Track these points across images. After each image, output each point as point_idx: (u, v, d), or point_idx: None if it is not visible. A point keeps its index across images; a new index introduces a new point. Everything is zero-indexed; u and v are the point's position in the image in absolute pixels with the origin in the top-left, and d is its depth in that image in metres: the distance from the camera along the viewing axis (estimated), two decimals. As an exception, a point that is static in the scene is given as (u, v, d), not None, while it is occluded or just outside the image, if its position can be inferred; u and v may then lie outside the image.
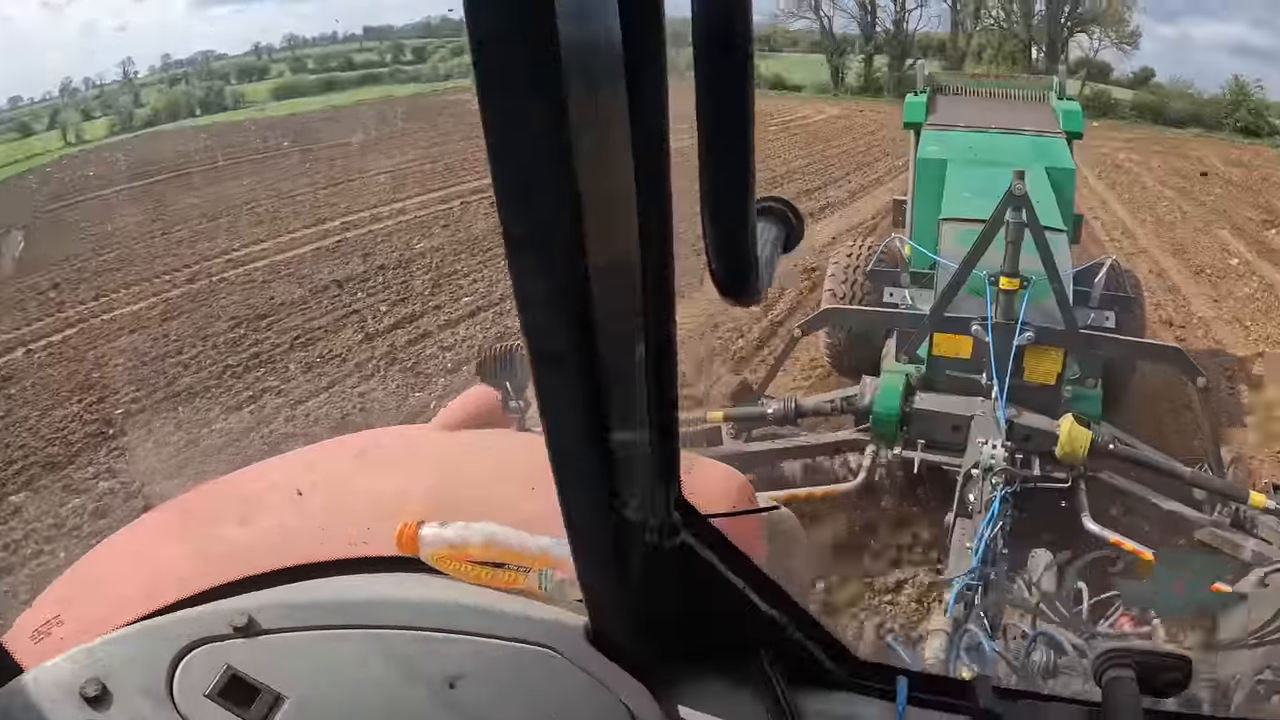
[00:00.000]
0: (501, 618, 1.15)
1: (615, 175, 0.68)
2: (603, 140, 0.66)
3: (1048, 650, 2.43)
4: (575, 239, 0.65)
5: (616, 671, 1.12)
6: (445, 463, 1.70)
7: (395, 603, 1.18)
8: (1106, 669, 1.14)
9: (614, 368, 0.76)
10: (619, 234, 0.71)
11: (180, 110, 29.45)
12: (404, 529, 1.21)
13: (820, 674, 1.22)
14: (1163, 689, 1.16)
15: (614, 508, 0.89)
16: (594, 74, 0.62)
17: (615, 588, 1.04)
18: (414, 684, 1.12)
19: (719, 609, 1.17)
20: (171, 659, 1.11)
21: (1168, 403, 6.80)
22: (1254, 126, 31.16)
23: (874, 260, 6.34)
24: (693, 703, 1.19)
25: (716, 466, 1.74)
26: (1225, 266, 11.46)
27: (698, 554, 1.09)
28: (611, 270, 0.71)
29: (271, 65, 33.97)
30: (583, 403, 0.76)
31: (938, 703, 1.18)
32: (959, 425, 4.63)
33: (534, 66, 0.58)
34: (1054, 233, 4.85)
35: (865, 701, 1.20)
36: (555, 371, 0.74)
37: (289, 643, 1.14)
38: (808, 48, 39.13)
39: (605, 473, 0.84)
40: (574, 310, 0.69)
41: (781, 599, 1.17)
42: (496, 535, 1.21)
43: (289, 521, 1.43)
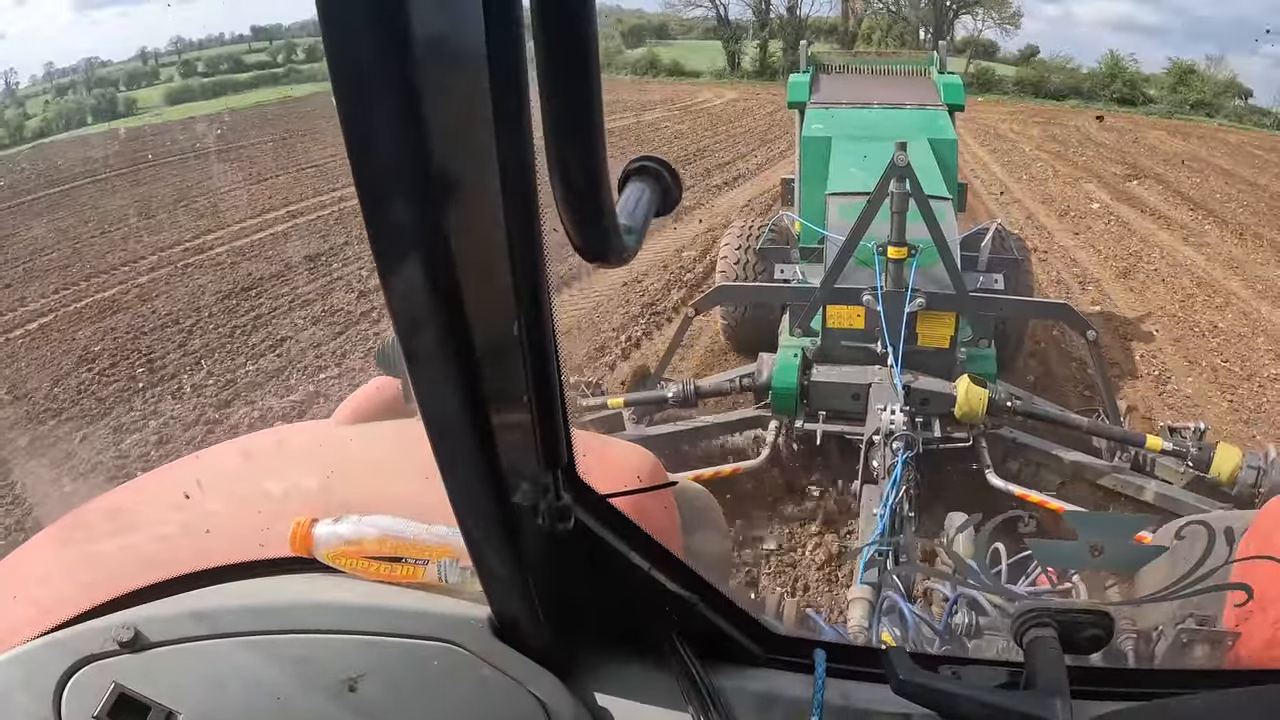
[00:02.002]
0: (401, 614, 1.16)
1: (478, 163, 0.69)
2: (463, 129, 0.67)
3: (969, 612, 2.41)
4: (439, 231, 0.67)
5: (524, 662, 1.13)
6: (341, 457, 1.69)
7: (289, 606, 1.18)
8: (1027, 629, 1.16)
9: (489, 354, 0.78)
10: (484, 222, 0.72)
11: (73, 119, 29.21)
12: (297, 528, 1.22)
13: (737, 652, 1.23)
14: (1084, 645, 1.17)
15: (501, 493, 0.90)
16: (452, 61, 0.64)
17: (515, 575, 1.03)
18: (312, 689, 1.12)
19: (626, 591, 1.17)
20: (58, 680, 1.12)
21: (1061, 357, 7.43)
22: (1129, 96, 34.25)
23: (764, 238, 6.60)
24: (607, 689, 1.20)
25: (625, 446, 1.79)
26: (1087, 209, 13.79)
27: (597, 535, 1.10)
28: (479, 257, 0.73)
29: (161, 70, 33.67)
30: (459, 391, 0.79)
31: (857, 673, 1.20)
32: (858, 394, 4.79)
33: (387, 57, 0.59)
34: (939, 201, 4.97)
35: (784, 676, 1.21)
36: (428, 363, 0.76)
37: (178, 655, 1.13)
38: (702, 34, 40.87)
39: (490, 459, 0.85)
40: (442, 301, 0.71)
41: (690, 577, 1.17)
42: (392, 528, 1.22)
43: (176, 530, 1.41)
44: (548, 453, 0.97)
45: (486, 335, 0.77)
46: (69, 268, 11.76)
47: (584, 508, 1.06)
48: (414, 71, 0.59)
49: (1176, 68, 34.13)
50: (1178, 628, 2.02)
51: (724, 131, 21.89)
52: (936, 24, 38.75)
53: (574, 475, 1.04)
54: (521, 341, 0.84)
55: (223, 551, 1.27)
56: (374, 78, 0.60)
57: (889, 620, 2.71)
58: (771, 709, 1.18)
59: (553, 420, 0.94)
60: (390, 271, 0.69)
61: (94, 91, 31.18)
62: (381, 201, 0.66)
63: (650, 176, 0.92)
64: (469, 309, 0.72)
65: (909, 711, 1.14)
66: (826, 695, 1.15)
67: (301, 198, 14.54)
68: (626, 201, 0.89)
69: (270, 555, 1.25)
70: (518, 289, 0.79)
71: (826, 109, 6.78)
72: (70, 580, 1.32)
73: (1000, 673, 1.16)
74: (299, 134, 21.84)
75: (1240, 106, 32.59)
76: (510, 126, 0.68)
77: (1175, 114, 31.93)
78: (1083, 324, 5.07)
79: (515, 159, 0.70)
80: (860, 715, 1.17)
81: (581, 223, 0.76)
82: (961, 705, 1.09)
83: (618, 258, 0.81)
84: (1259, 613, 1.68)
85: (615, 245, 0.80)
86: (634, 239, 0.83)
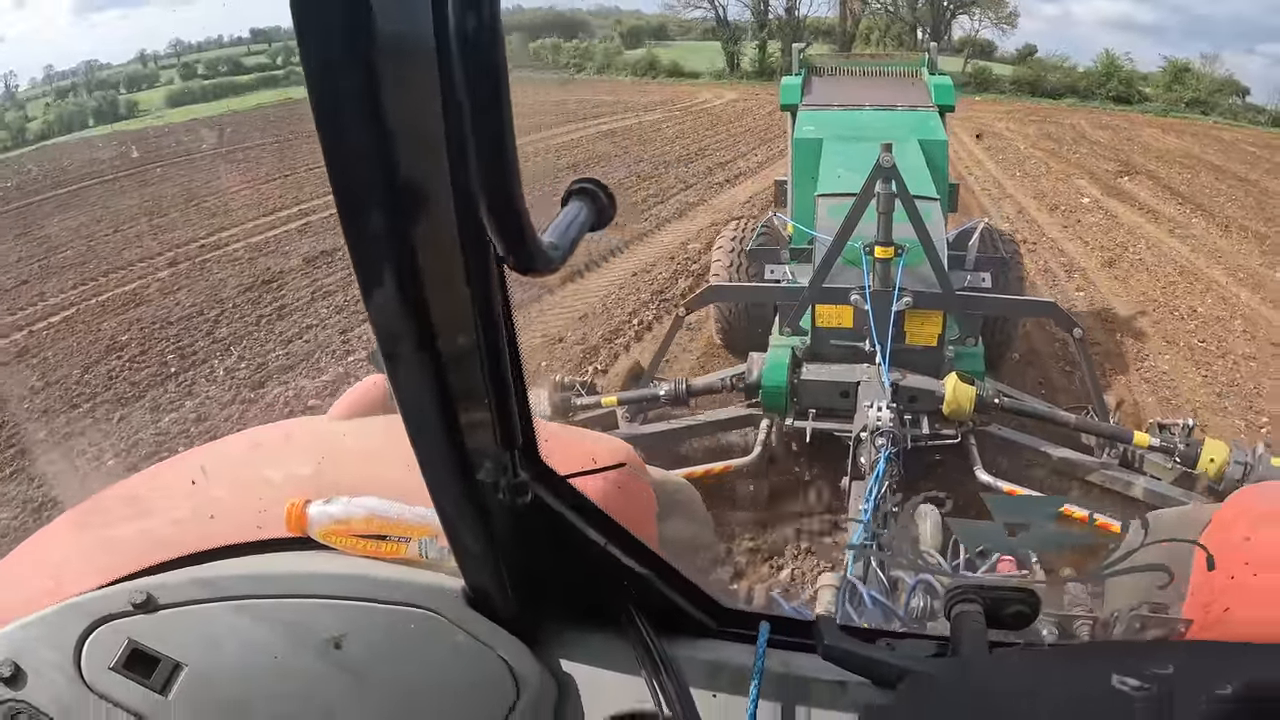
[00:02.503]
0: (384, 584, 1.27)
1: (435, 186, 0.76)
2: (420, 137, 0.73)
3: (925, 596, 2.52)
4: (406, 245, 0.76)
5: (495, 630, 1.25)
6: (334, 447, 1.82)
7: (283, 575, 1.30)
8: (954, 604, 1.24)
9: (452, 354, 0.88)
10: (441, 230, 0.80)
11: (75, 122, 29.47)
12: (291, 508, 1.35)
13: (689, 624, 1.33)
14: (1010, 621, 1.24)
15: (467, 473, 1.01)
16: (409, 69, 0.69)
17: (485, 550, 1.15)
18: (302, 647, 1.23)
19: (587, 567, 1.27)
20: (78, 637, 1.23)
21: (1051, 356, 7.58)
22: (1124, 95, 34.72)
23: (755, 239, 6.65)
24: (570, 656, 1.32)
25: (605, 439, 1.91)
26: (1077, 204, 14.34)
27: (556, 512, 1.18)
28: (439, 265, 0.81)
29: (161, 72, 34.00)
30: (430, 387, 0.89)
31: (797, 644, 1.29)
32: (847, 392, 4.88)
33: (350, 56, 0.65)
34: (927, 201, 5.03)
35: (732, 647, 1.32)
36: (403, 364, 0.87)
37: (185, 616, 1.24)
38: (700, 35, 41.30)
39: (457, 444, 0.96)
40: (412, 312, 0.81)
41: (646, 555, 1.27)
42: (377, 509, 1.34)
43: (185, 514, 1.53)
44: (505, 435, 1.02)
45: (448, 335, 0.86)
46: (85, 264, 12.02)
47: (544, 486, 1.14)
48: (375, 76, 0.66)
49: (1172, 66, 34.68)
50: (1131, 613, 2.08)
51: (724, 131, 22.43)
52: (933, 24, 39.31)
53: (534, 456, 1.10)
54: (478, 337, 0.91)
55: (226, 534, 1.40)
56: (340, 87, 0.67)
57: (853, 606, 2.78)
58: (719, 675, 1.28)
59: (507, 405, 1.00)
60: (365, 272, 0.78)
61: (95, 94, 31.46)
62: (358, 217, 0.74)
63: (588, 196, 0.98)
64: (434, 317, 0.82)
65: (844, 679, 1.23)
66: (768, 664, 1.24)
67: (312, 196, 14.74)
68: (564, 217, 0.94)
69: (268, 535, 1.38)
70: (473, 292, 0.86)
71: (818, 111, 6.87)
72: (88, 561, 1.42)
73: (931, 645, 1.26)
74: (302, 135, 21.49)
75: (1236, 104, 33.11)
76: (456, 132, 0.73)
77: (1170, 112, 32.36)
78: (1070, 322, 5.16)
79: (460, 166, 0.75)
80: (798, 681, 1.26)
81: (502, 232, 0.80)
82: (881, 669, 1.19)
83: (544, 268, 0.84)
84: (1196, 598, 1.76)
85: (539, 256, 0.83)
86: (559, 253, 0.87)
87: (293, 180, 16.51)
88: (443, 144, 0.73)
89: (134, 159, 20.86)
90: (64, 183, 18.91)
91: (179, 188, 16.77)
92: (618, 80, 38.93)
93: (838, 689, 1.24)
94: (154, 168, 19.53)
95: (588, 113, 26.20)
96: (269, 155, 19.80)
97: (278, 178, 17.01)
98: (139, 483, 1.77)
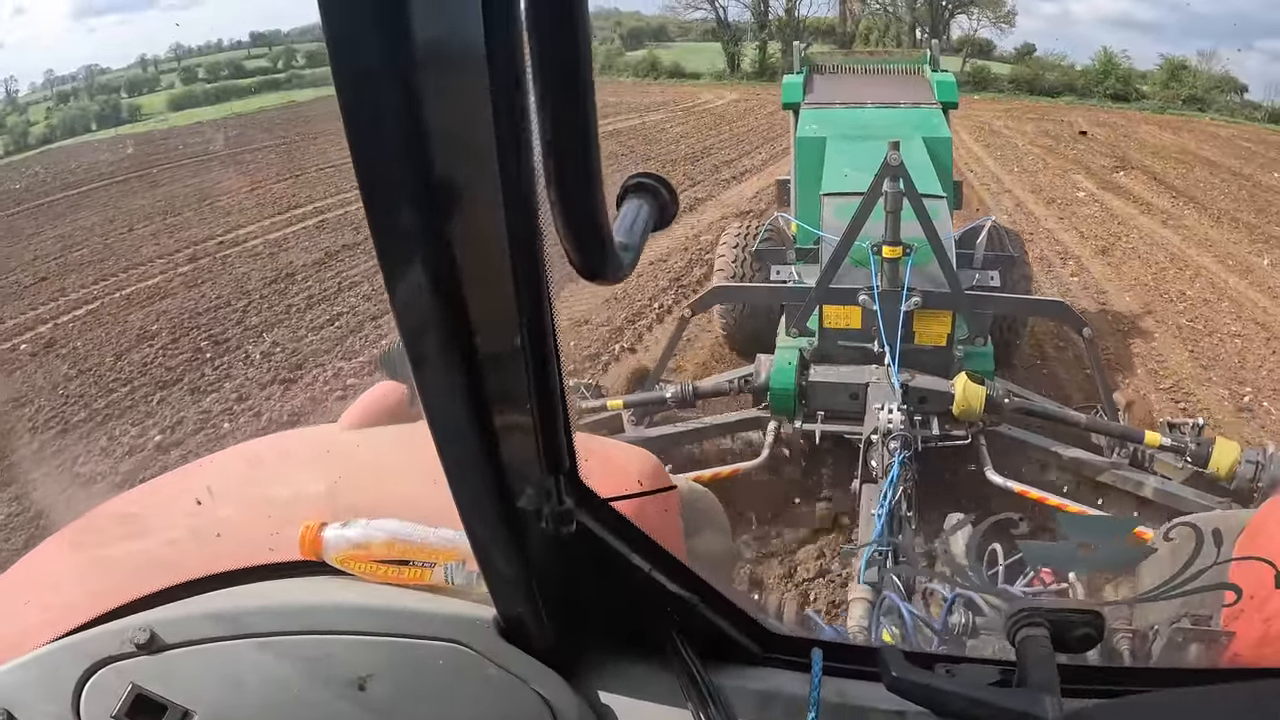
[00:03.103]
0: (408, 615, 1.21)
1: (479, 171, 0.71)
2: (465, 137, 0.69)
3: (966, 612, 2.43)
4: (441, 237, 0.71)
5: (529, 662, 1.19)
6: (349, 462, 1.74)
7: (300, 608, 1.23)
8: (1019, 628, 1.18)
9: (491, 360, 0.82)
10: (486, 229, 0.74)
11: (78, 126, 29.78)
12: (306, 532, 1.29)
13: (736, 651, 1.27)
14: (1076, 644, 1.19)
15: (506, 498, 0.95)
16: (453, 71, 0.66)
17: (519, 577, 1.08)
18: (323, 688, 1.18)
19: (628, 592, 1.21)
20: (76, 682, 1.17)
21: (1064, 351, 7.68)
22: (1122, 93, 35.25)
23: (760, 239, 6.62)
24: (610, 688, 1.25)
25: (627, 449, 1.84)
26: (1073, 197, 14.96)
27: (599, 538, 1.12)
28: (480, 264, 0.75)
29: (161, 76, 34.11)
30: (464, 398, 0.83)
31: (853, 671, 1.23)
32: (856, 394, 4.82)
33: (389, 63, 0.62)
34: (934, 199, 4.99)
35: (782, 675, 1.26)
36: (434, 369, 0.81)
37: (193, 656, 1.18)
38: (699, 36, 41.73)
39: (494, 464, 0.90)
40: (446, 308, 0.75)
41: (690, 579, 1.21)
42: (399, 532, 1.28)
43: (186, 534, 1.47)
44: (550, 458, 0.99)
45: (489, 341, 0.80)
46: (103, 261, 12.28)
47: (586, 511, 1.08)
48: (415, 78, 0.63)
49: (1169, 64, 35.21)
50: (1173, 627, 2.02)
51: (727, 131, 23.02)
52: (932, 24, 39.73)
53: (576, 479, 1.05)
54: (524, 348, 0.85)
55: (233, 555, 1.34)
56: (377, 85, 0.64)
57: (888, 620, 2.72)
58: (770, 706, 1.22)
59: (554, 425, 0.96)
60: (395, 277, 0.73)
61: (97, 98, 31.82)
62: (386, 209, 0.70)
63: (648, 192, 0.94)
64: (472, 315, 0.76)
65: (903, 709, 1.17)
66: (823, 693, 1.18)
67: (325, 195, 15.11)
68: (624, 218, 0.91)
69: (280, 559, 1.32)
70: (519, 296, 0.80)
71: (820, 109, 6.90)
72: (83, 585, 1.37)
73: (993, 671, 1.19)
74: (309, 136, 22.17)
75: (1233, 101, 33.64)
76: (510, 136, 0.70)
77: (1168, 109, 32.94)
78: (1079, 321, 5.16)
79: (515, 168, 0.71)
80: (856, 712, 1.21)
81: (579, 242, 0.77)
82: (953, 702, 1.12)
83: (615, 275, 0.82)
84: (1252, 612, 1.70)
85: (612, 263, 0.81)
86: (630, 256, 0.84)
87: (304, 180, 16.81)
88: (492, 144, 0.70)
89: (143, 160, 21.10)
90: (72, 185, 19.16)
91: (190, 188, 17.09)
92: (620, 81, 39.35)
93: (897, 719, 1.20)
94: (164, 169, 19.82)
95: (590, 114, 26.60)
96: (277, 156, 20.13)
97: (289, 178, 17.31)
98: (134, 499, 1.74)
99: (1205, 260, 10.94)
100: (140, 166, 20.46)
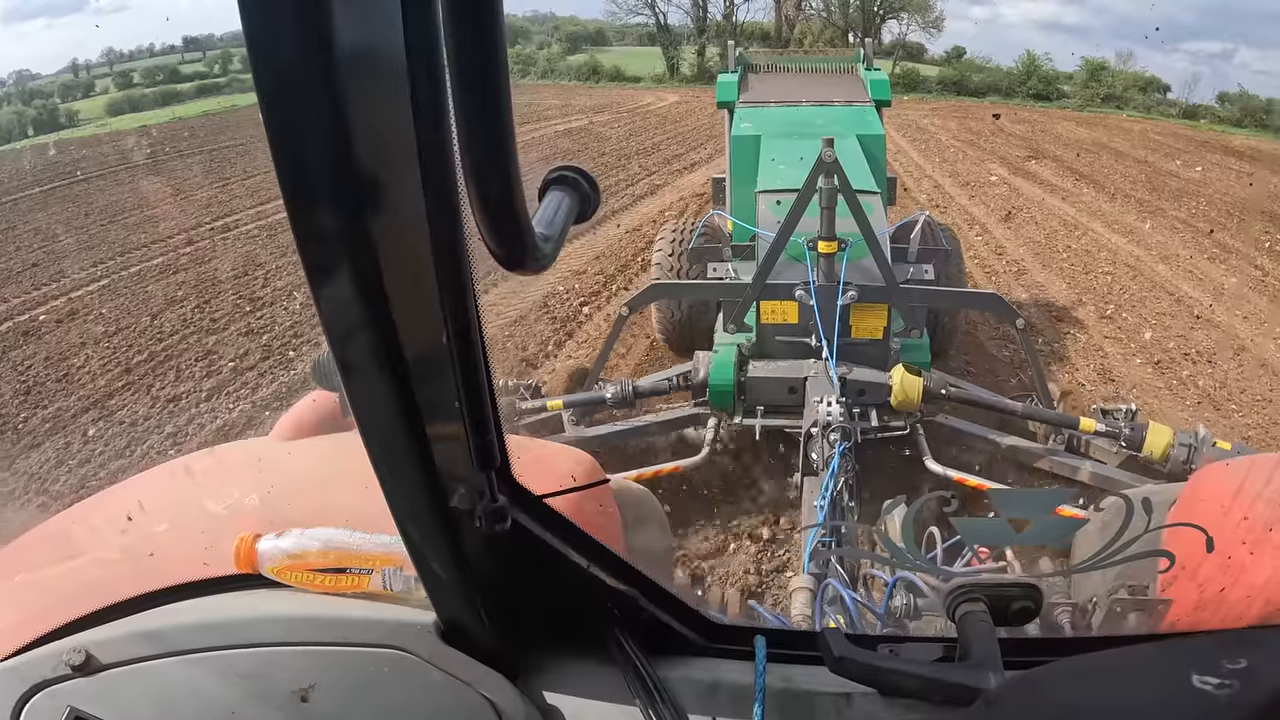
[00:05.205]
0: (348, 624, 1.22)
1: (400, 175, 0.73)
2: (385, 138, 0.71)
3: (907, 594, 2.43)
4: (364, 242, 0.72)
5: (472, 664, 1.21)
6: (282, 473, 1.77)
7: (237, 621, 1.23)
8: (958, 604, 1.23)
9: (419, 362, 0.84)
10: (408, 232, 0.76)
11: (14, 131, 29.75)
12: (240, 544, 1.29)
13: (680, 643, 1.30)
14: (1015, 618, 1.25)
15: (439, 499, 0.97)
16: (373, 72, 0.67)
17: (457, 579, 1.10)
18: (263, 702, 1.18)
19: (568, 590, 1.23)
20: (13, 707, 1.17)
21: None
22: (1044, 92, 38.14)
23: (696, 237, 6.73)
24: (555, 686, 1.28)
25: (562, 449, 1.92)
26: (987, 182, 17.29)
27: (535, 536, 1.13)
28: (404, 268, 0.77)
29: (96, 81, 33.90)
30: (393, 400, 0.85)
31: (798, 656, 1.27)
32: (794, 388, 4.94)
33: (309, 65, 0.63)
34: (868, 195, 5.13)
35: (728, 664, 1.29)
36: (362, 374, 0.83)
37: (130, 676, 1.19)
38: (638, 40, 43.55)
39: (426, 465, 0.92)
40: (372, 313, 0.77)
41: (630, 574, 1.24)
42: (334, 539, 1.29)
43: (119, 554, 1.49)
44: (481, 456, 1.00)
45: (416, 344, 0.83)
46: (95, 248, 12.54)
47: (521, 508, 1.11)
48: (336, 80, 0.64)
49: (1089, 65, 38.09)
50: (1111, 597, 2.07)
51: (672, 129, 24.83)
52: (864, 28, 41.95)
53: (509, 477, 1.08)
54: (450, 348, 0.87)
55: (168, 572, 1.36)
56: (297, 87, 0.65)
57: (831, 608, 2.74)
58: (717, 695, 1.26)
59: (484, 423, 0.97)
60: (321, 286, 0.75)
61: (34, 103, 31.56)
62: (309, 215, 0.72)
63: (569, 185, 0.96)
64: (398, 319, 0.79)
65: (849, 690, 1.23)
66: (769, 679, 1.23)
67: None
68: (545, 210, 0.92)
69: (215, 573, 1.34)
70: (444, 298, 0.83)
71: (755, 108, 7.11)
72: (15, 611, 1.39)
73: (936, 648, 1.23)
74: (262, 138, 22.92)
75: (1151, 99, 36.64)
76: (430, 136, 0.72)
77: (1087, 108, 35.78)
78: (1012, 313, 5.29)
79: (436, 169, 0.74)
80: (802, 696, 1.25)
81: (498, 232, 0.78)
82: (896, 679, 1.18)
83: (536, 265, 0.83)
84: (1186, 579, 1.76)
85: (532, 253, 0.82)
86: (551, 246, 0.85)
87: (274, 176, 17.80)
88: (413, 146, 0.72)
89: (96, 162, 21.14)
90: (28, 185, 18.78)
91: (158, 185, 17.81)
92: (561, 85, 40.91)
93: (843, 701, 1.24)
94: (123, 170, 20.02)
95: (540, 115, 28.09)
96: (238, 156, 20.34)
97: (257, 174, 17.53)
98: (65, 522, 1.73)
99: (1094, 225, 13.20)
100: (93, 169, 20.11)
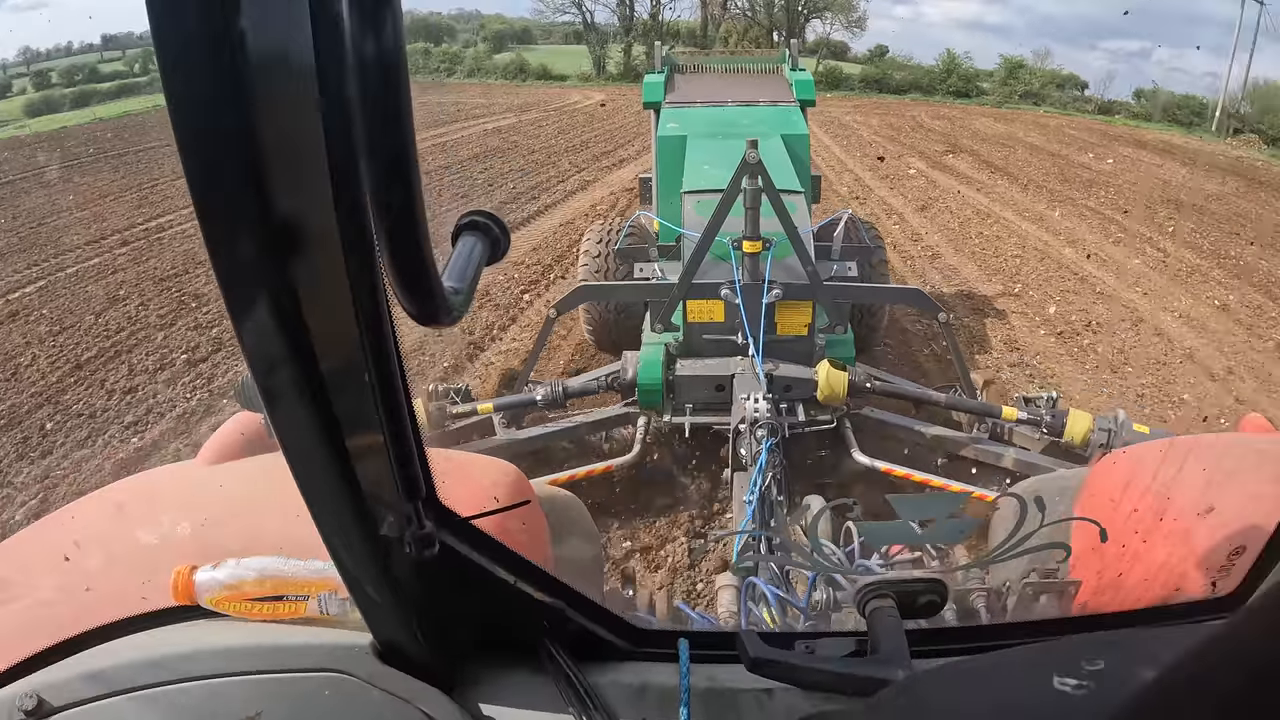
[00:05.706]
0: (288, 650, 1.24)
1: (316, 205, 0.71)
2: (299, 174, 0.69)
3: (827, 589, 2.41)
4: (283, 269, 0.71)
5: (410, 682, 1.23)
6: (214, 500, 1.76)
7: (179, 655, 1.24)
8: (867, 601, 1.30)
9: (341, 391, 0.83)
10: (325, 261, 0.74)
11: None
12: (177, 577, 1.30)
13: (607, 649, 1.35)
14: (922, 611, 1.31)
15: (368, 526, 0.98)
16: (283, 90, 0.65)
17: (390, 601, 1.11)
18: None
19: (498, 604, 1.26)
20: None
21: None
22: (964, 90, 39.86)
23: (623, 238, 6.73)
24: (490, 698, 1.30)
25: (490, 463, 1.93)
26: (905, 174, 18.20)
27: (463, 556, 1.17)
28: (322, 295, 0.76)
29: (12, 82, 33.70)
30: (316, 430, 0.84)
31: (721, 656, 1.32)
32: (722, 385, 4.99)
33: (220, 78, 0.61)
34: (792, 194, 5.19)
35: (654, 667, 1.33)
36: (285, 401, 0.81)
37: (81, 717, 1.20)
38: (564, 39, 44.55)
39: (353, 495, 0.92)
40: (290, 339, 0.75)
41: (555, 586, 1.27)
42: (269, 568, 1.30)
43: (56, 593, 1.48)
44: (407, 485, 1.02)
45: (336, 371, 0.82)
46: (28, 250, 12.10)
47: (448, 531, 1.13)
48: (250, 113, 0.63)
49: (1007, 62, 39.90)
50: (1023, 582, 2.15)
51: (600, 127, 25.44)
52: (789, 27, 43.51)
53: (435, 501, 1.10)
54: (370, 378, 0.87)
55: (107, 609, 1.35)
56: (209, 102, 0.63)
57: (757, 605, 2.73)
58: (644, 697, 1.30)
59: (408, 452, 0.99)
60: (240, 311, 0.73)
61: None
62: (227, 243, 0.69)
63: (479, 230, 0.98)
64: (317, 346, 0.78)
65: (770, 687, 1.28)
66: (693, 680, 1.27)
67: None
68: (457, 258, 0.94)
69: (155, 607, 1.34)
70: (361, 326, 0.82)
71: (681, 108, 7.12)
72: None
73: (849, 643, 1.29)
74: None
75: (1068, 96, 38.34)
76: (342, 166, 0.70)
77: (1005, 104, 37.42)
78: (934, 307, 5.36)
79: (348, 198, 0.72)
80: (725, 695, 1.30)
81: (409, 289, 0.79)
82: (809, 676, 1.23)
83: (446, 319, 0.84)
84: (1090, 563, 1.90)
85: (443, 307, 0.83)
86: (461, 299, 0.87)
87: None
88: (326, 174, 0.70)
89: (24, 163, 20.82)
90: None
91: (106, 182, 17.52)
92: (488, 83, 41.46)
93: (764, 697, 1.29)
94: (44, 171, 19.91)
95: (468, 114, 28.69)
96: (164, 157, 19.68)
97: None
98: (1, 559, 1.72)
99: (1006, 214, 14.03)
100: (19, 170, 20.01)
